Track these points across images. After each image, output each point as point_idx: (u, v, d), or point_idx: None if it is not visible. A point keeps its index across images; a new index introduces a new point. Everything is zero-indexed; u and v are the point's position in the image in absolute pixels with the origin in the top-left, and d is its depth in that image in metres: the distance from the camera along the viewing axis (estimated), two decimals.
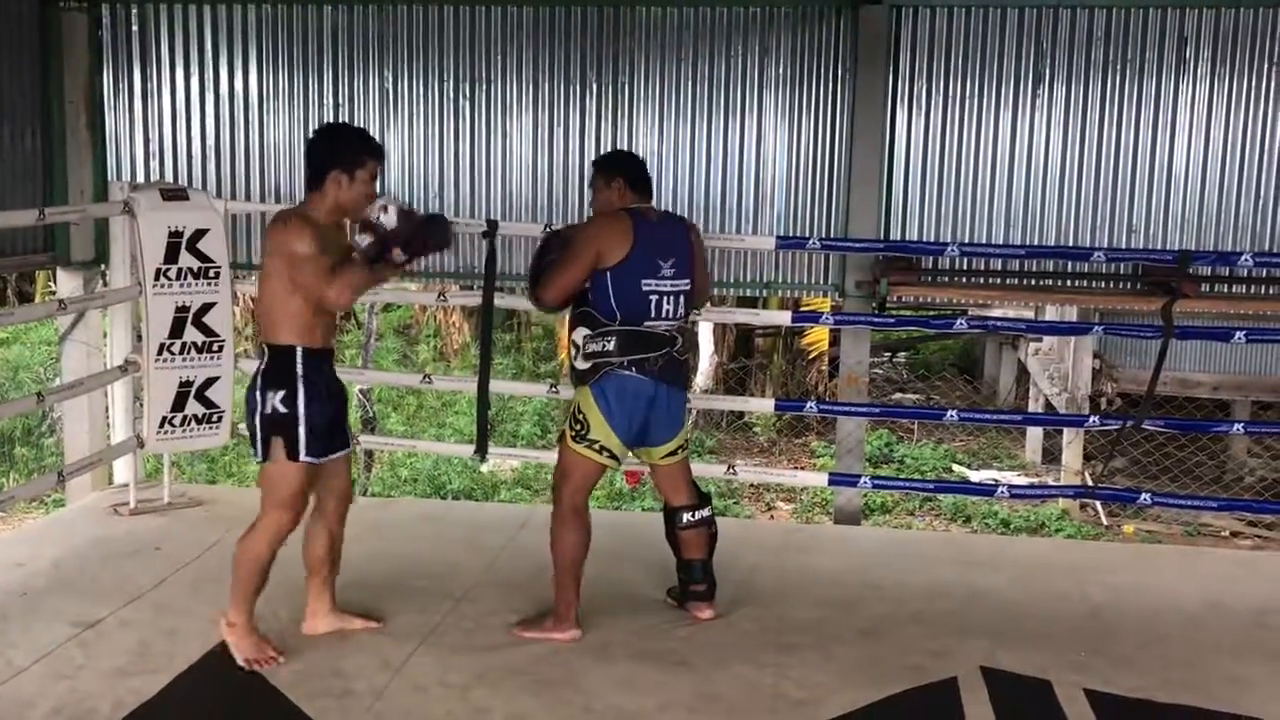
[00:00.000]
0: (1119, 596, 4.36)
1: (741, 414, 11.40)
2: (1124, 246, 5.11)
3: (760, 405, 9.24)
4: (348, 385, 3.96)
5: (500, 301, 5.27)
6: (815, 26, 5.22)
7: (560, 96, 5.38)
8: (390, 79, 5.47)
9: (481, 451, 5.01)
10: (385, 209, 3.42)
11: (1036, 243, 5.16)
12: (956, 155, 5.20)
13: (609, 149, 5.35)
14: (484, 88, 5.42)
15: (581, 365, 3.77)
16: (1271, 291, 5.09)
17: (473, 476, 9.63)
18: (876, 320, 5.39)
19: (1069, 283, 5.24)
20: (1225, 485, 9.37)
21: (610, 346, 3.70)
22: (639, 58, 5.32)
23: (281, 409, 3.44)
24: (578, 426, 3.78)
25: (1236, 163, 5.05)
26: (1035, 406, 10.59)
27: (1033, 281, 5.24)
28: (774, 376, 12.39)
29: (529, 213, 5.41)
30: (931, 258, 5.15)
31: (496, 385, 5.46)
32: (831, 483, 5.41)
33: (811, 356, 11.94)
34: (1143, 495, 5.20)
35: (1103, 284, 5.23)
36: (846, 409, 5.41)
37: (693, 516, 3.97)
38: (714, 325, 11.13)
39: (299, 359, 3.46)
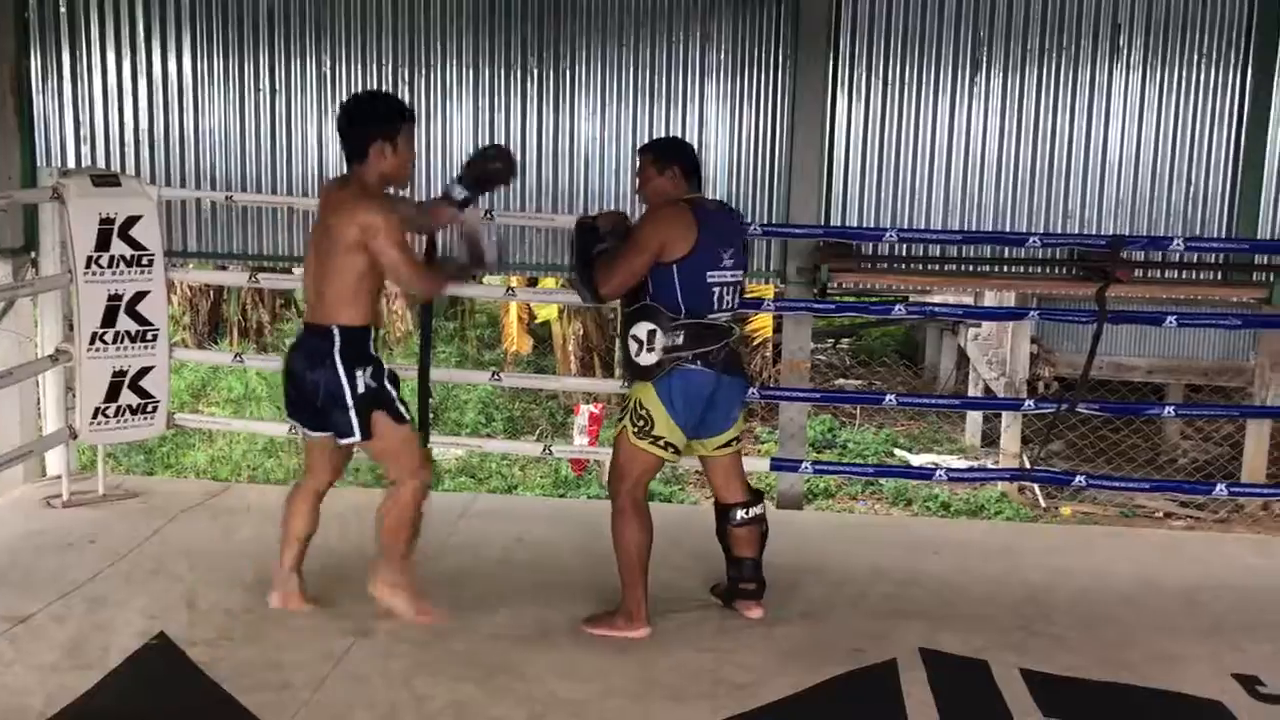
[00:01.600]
0: (1055, 577, 4.43)
1: None
2: (1059, 232, 5.18)
3: None
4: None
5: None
6: (756, 13, 5.22)
7: (501, 82, 5.34)
8: (329, 63, 5.39)
9: (423, 440, 4.96)
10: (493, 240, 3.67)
11: (974, 229, 5.21)
12: (896, 142, 5.24)
13: (551, 135, 5.33)
14: (424, 72, 5.36)
15: (648, 360, 3.64)
16: (1201, 276, 5.20)
17: None
18: (817, 306, 5.42)
19: (1006, 268, 5.30)
20: (1159, 467, 9.58)
21: (680, 341, 3.62)
22: (580, 43, 5.29)
23: (373, 384, 3.54)
24: (640, 422, 3.70)
25: (1168, 149, 5.14)
26: (975, 391, 10.75)
27: (971, 267, 5.30)
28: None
29: None
30: (871, 244, 5.19)
31: (439, 374, 5.42)
32: (773, 468, 5.45)
33: (755, 343, 12.01)
34: (1078, 478, 5.29)
35: (1039, 269, 5.30)
36: (788, 394, 5.44)
37: (746, 514, 3.92)
38: None
39: (370, 338, 3.58)
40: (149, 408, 4.98)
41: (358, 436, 3.57)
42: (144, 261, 4.86)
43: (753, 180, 5.32)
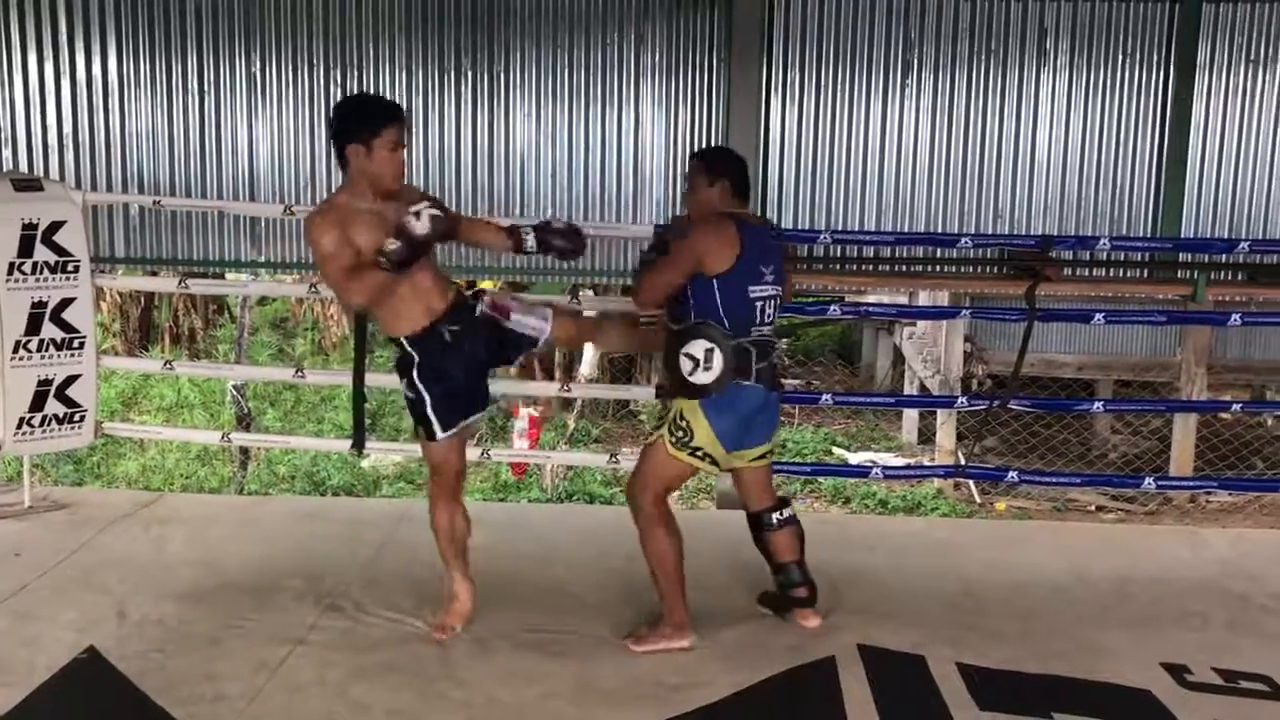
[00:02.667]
0: (990, 572, 4.49)
1: (627, 402, 11.43)
2: (990, 232, 5.27)
3: (641, 393, 9.30)
4: (219, 380, 3.86)
5: None
6: (691, 15, 5.24)
7: (434, 84, 5.31)
8: (258, 65, 5.32)
9: (358, 446, 4.90)
10: (418, 214, 3.32)
11: (907, 229, 5.28)
12: (829, 144, 5.29)
13: (485, 137, 5.30)
14: (355, 74, 5.31)
15: (705, 379, 3.57)
16: (1128, 274, 5.31)
17: (353, 472, 9.46)
18: None
19: (939, 268, 5.38)
20: (1090, 462, 9.76)
21: (732, 358, 3.59)
22: (514, 45, 5.27)
23: (411, 395, 3.57)
24: (680, 433, 3.64)
25: (1094, 150, 5.25)
26: (910, 389, 10.88)
27: (904, 268, 5.37)
28: (660, 366, 12.45)
29: None
30: (807, 245, 5.23)
31: (375, 378, 5.37)
32: None
33: None
34: (1011, 473, 5.36)
35: (971, 269, 5.38)
36: None
37: (781, 516, 3.91)
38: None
39: (410, 348, 3.54)
40: (76, 417, 4.87)
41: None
42: (69, 268, 4.75)
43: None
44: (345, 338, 12.85)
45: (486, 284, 9.79)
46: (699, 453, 3.65)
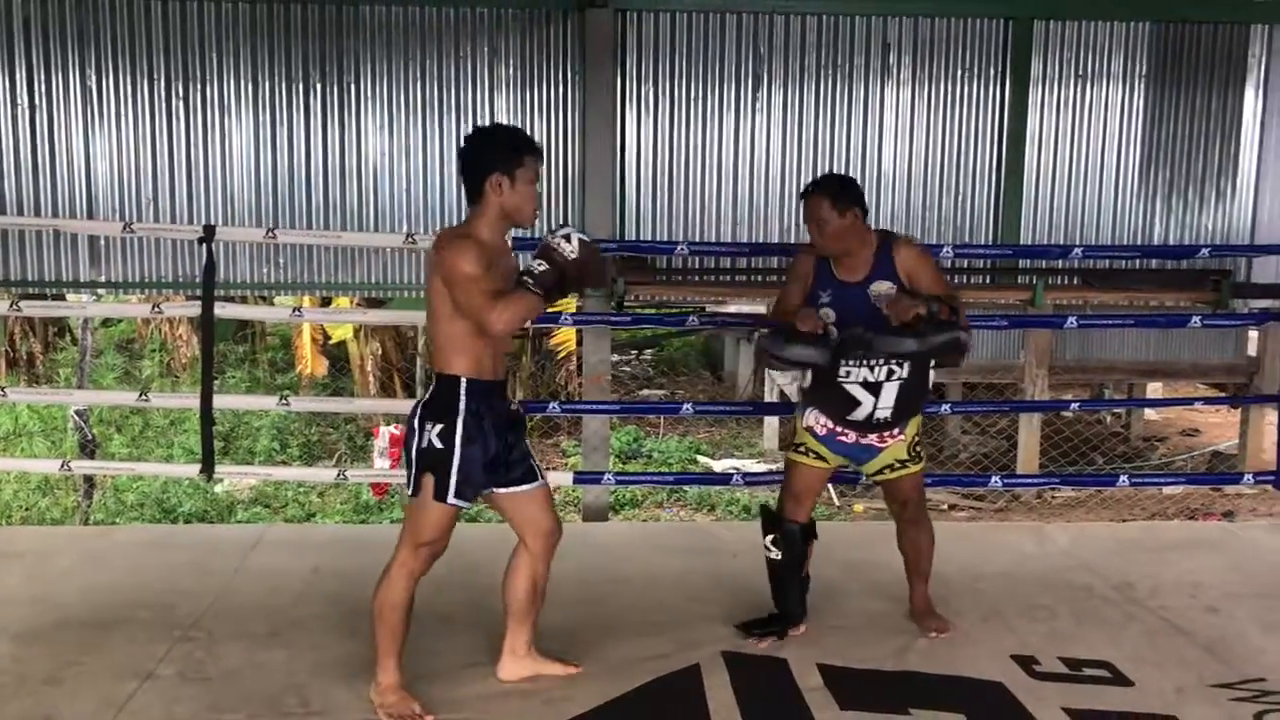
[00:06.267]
0: (849, 572, 4.59)
1: None
2: None
3: None
4: (60, 407, 3.66)
5: (227, 312, 5.02)
6: (543, 28, 5.25)
7: (282, 96, 5.18)
8: (94, 77, 5.11)
9: (208, 470, 4.76)
10: (568, 237, 3.12)
11: (761, 240, 5.37)
12: (685, 156, 5.36)
13: (337, 150, 5.20)
14: (199, 87, 5.15)
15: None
16: (971, 280, 5.51)
17: (206, 498, 9.13)
18: (614, 319, 5.47)
19: None
20: (941, 462, 10.08)
21: None
22: (365, 57, 5.19)
23: (438, 444, 3.16)
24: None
25: (937, 161, 5.44)
26: (771, 397, 11.05)
27: (760, 278, 5.46)
28: (523, 378, 12.40)
29: (252, 217, 5.18)
30: (664, 257, 5.27)
31: (226, 400, 5.21)
32: (576, 481, 5.46)
33: (560, 356, 12.03)
34: (864, 476, 5.48)
35: None
36: (589, 407, 5.47)
37: None
38: None
39: (463, 391, 3.17)
40: None
41: (410, 490, 3.23)
42: None
43: (547, 195, 5.33)
44: (195, 359, 12.41)
45: (343, 301, 9.60)
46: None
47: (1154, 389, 11.54)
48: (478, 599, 4.20)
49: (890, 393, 3.63)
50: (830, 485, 9.71)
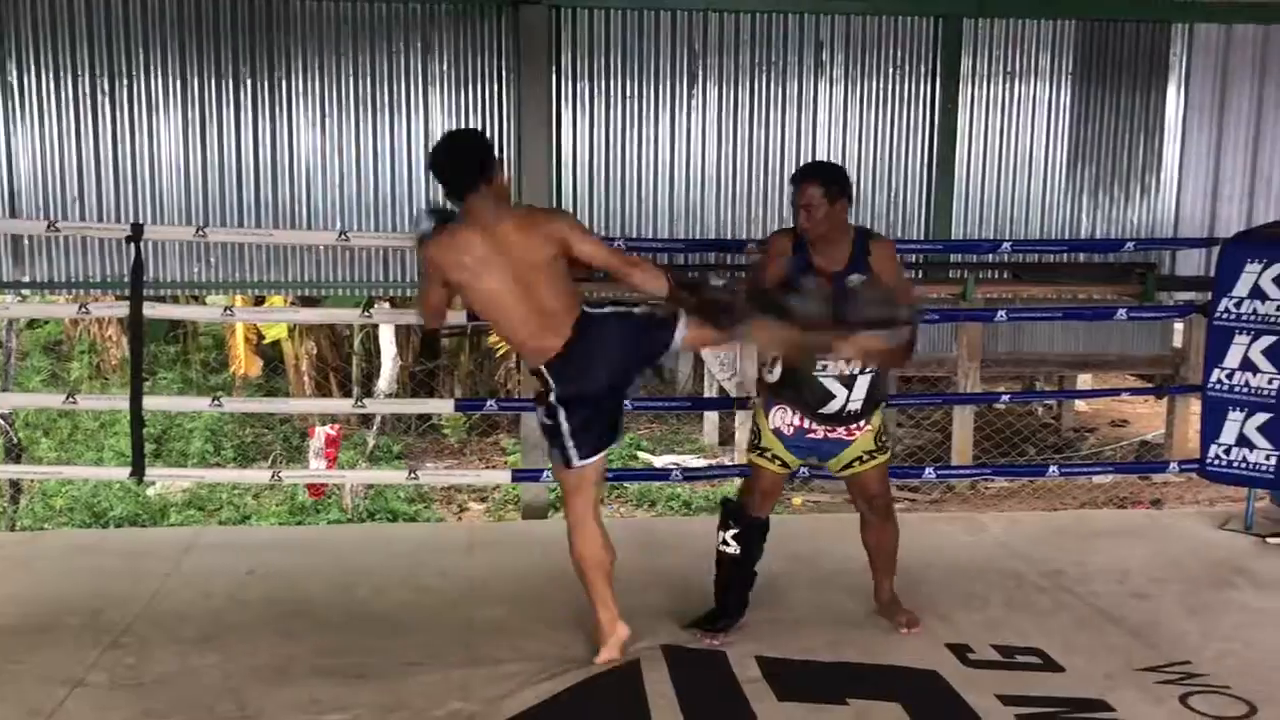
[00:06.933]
0: (788, 564, 4.62)
1: (429, 416, 11.25)
2: None
3: (440, 406, 9.15)
4: None
5: (157, 312, 4.93)
6: (477, 25, 5.22)
7: (212, 92, 5.10)
8: (14, 73, 5.00)
9: (138, 473, 4.67)
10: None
11: (698, 236, 5.39)
12: (621, 153, 5.36)
13: (268, 147, 5.14)
14: (125, 82, 5.06)
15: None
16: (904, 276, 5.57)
17: (138, 501, 8.96)
18: None
19: (729, 274, 5.50)
20: None
21: None
22: (296, 52, 5.12)
23: (547, 420, 3.53)
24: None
25: (870, 158, 5.50)
26: (710, 392, 11.10)
27: (697, 274, 5.47)
28: (461, 377, 12.33)
29: (181, 215, 5.10)
30: None
31: (158, 401, 5.11)
32: (515, 479, 5.44)
33: (499, 354, 11.97)
34: (800, 469, 5.52)
35: None
36: (529, 405, 5.44)
37: None
38: (395, 327, 10.91)
39: (547, 371, 3.50)
40: None
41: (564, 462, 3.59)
42: None
43: None
44: (126, 360, 12.17)
45: (277, 300, 9.47)
46: None
47: (1084, 381, 11.78)
48: (412, 599, 4.18)
49: (863, 385, 3.70)
50: None
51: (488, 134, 5.25)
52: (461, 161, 3.44)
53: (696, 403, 10.40)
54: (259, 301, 9.88)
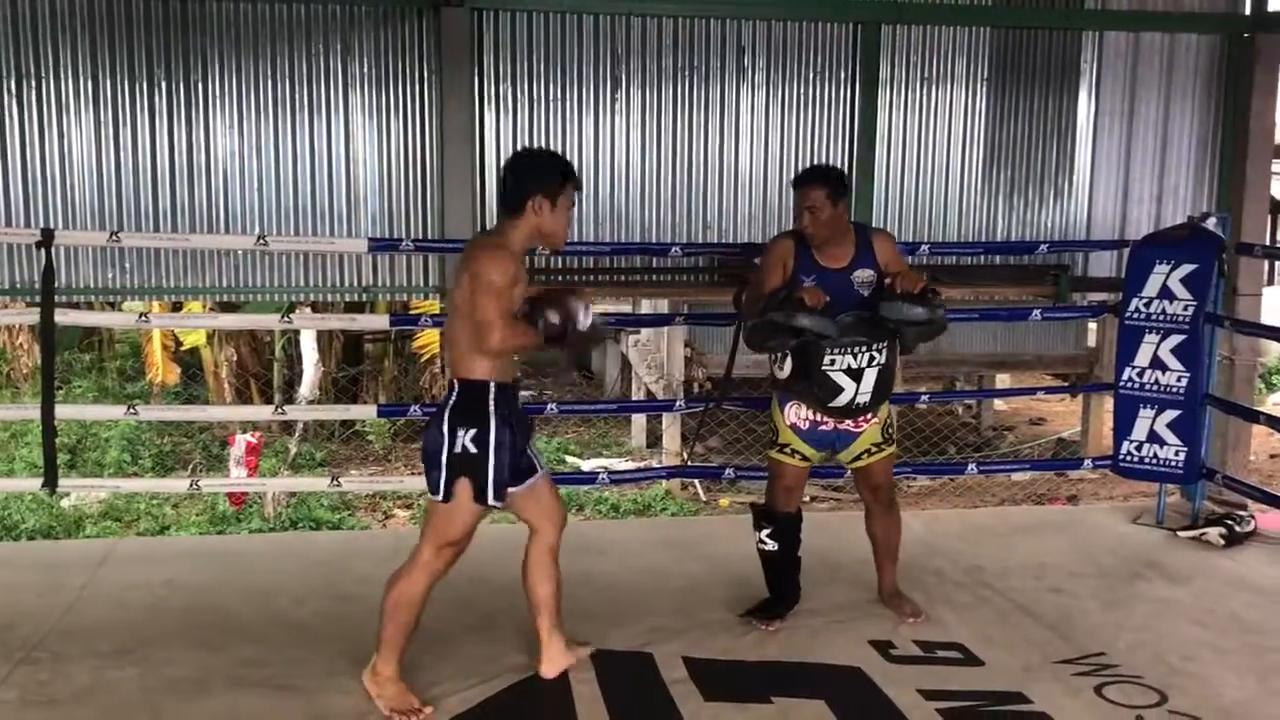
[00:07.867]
0: (714, 566, 4.66)
1: (353, 423, 11.12)
2: (700, 241, 5.47)
3: (363, 412, 9.05)
4: None
5: (69, 318, 4.82)
6: (398, 26, 5.17)
7: (125, 94, 4.97)
8: None
9: (50, 484, 4.55)
10: (587, 309, 3.30)
11: (623, 240, 5.40)
12: None
13: (184, 150, 5.03)
14: (33, 84, 4.91)
15: None
16: None
17: (51, 513, 8.72)
18: None
19: (654, 277, 5.54)
20: None
21: None
22: (213, 54, 5.02)
23: (472, 448, 3.24)
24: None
25: (792, 162, 5.53)
26: (638, 394, 11.14)
27: (622, 278, 5.50)
28: (385, 383, 12.20)
29: (94, 220, 4.97)
30: (526, 257, 5.25)
31: (71, 410, 4.99)
32: None
33: (424, 359, 11.88)
34: (727, 470, 5.59)
35: (685, 277, 5.57)
36: None
37: None
38: (318, 333, 10.77)
39: (491, 396, 3.26)
40: None
41: (439, 496, 3.29)
42: None
43: (406, 194, 5.25)
44: (37, 368, 11.84)
45: (195, 306, 9.28)
46: None
47: (1002, 380, 12.03)
48: (334, 608, 4.13)
49: (870, 378, 3.78)
50: (697, 482, 9.85)
51: (410, 136, 5.21)
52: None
53: (624, 406, 10.40)
54: (176, 307, 9.69)
